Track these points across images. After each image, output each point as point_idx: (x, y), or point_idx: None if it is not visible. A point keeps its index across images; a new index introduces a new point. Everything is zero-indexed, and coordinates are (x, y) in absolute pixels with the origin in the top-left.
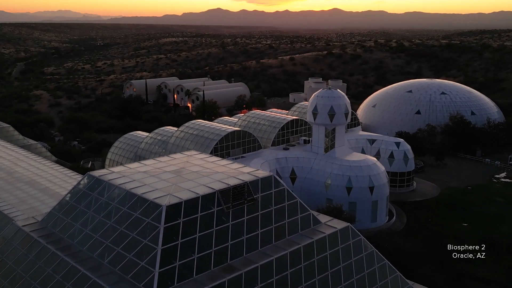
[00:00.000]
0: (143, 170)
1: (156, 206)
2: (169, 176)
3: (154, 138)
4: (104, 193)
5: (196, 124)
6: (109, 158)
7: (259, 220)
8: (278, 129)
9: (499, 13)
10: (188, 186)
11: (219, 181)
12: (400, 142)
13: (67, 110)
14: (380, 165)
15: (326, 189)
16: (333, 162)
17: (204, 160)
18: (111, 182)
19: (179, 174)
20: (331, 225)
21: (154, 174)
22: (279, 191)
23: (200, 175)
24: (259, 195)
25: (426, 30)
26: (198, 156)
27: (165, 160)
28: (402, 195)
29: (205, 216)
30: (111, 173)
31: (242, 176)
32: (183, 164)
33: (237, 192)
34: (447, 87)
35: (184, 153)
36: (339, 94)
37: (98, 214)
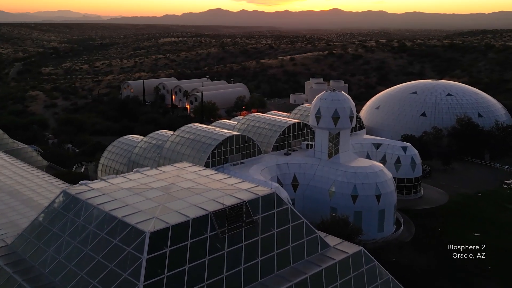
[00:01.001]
0: (127, 187)
1: (138, 232)
2: (156, 194)
3: (149, 143)
4: (80, 214)
5: (193, 128)
6: (101, 163)
7: (260, 246)
8: (279, 133)
9: (499, 13)
10: (177, 207)
11: (213, 200)
12: (407, 147)
13: (63, 111)
14: (387, 171)
15: (330, 197)
16: (337, 169)
17: (197, 173)
18: (89, 202)
19: (168, 191)
20: (341, 249)
21: (139, 192)
22: (282, 211)
23: (191, 193)
24: (259, 216)
25: (426, 30)
26: (190, 168)
27: (152, 174)
28: (409, 202)
29: (196, 243)
30: (90, 190)
31: (240, 194)
32: (173, 179)
33: (234, 214)
34: (453, 88)
35: (175, 165)
36: (343, 97)
37: (74, 239)
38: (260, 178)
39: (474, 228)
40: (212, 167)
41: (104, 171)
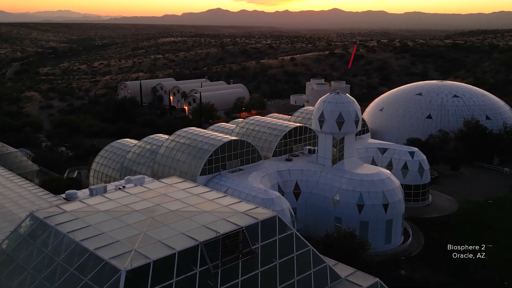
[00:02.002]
0: (104, 209)
1: (112, 269)
2: (138, 218)
3: (143, 148)
4: (48, 243)
5: (189, 132)
6: (93, 169)
7: (259, 281)
8: (280, 137)
9: (499, 13)
10: (161, 236)
11: (205, 227)
12: (414, 152)
13: (58, 112)
14: (395, 179)
15: (334, 206)
16: (341, 176)
17: (187, 191)
18: (58, 229)
19: (152, 215)
20: (354, 282)
21: (118, 215)
22: (286, 238)
23: (179, 217)
24: (259, 244)
25: (426, 30)
26: (180, 185)
27: (136, 193)
28: (417, 210)
29: (183, 282)
30: (62, 214)
31: (236, 218)
32: (159, 199)
33: (229, 243)
34: (459, 90)
35: (163, 180)
36: (348, 99)
37: (39, 274)
38: (260, 186)
39: (487, 238)
40: (208, 174)
41: (96, 177)
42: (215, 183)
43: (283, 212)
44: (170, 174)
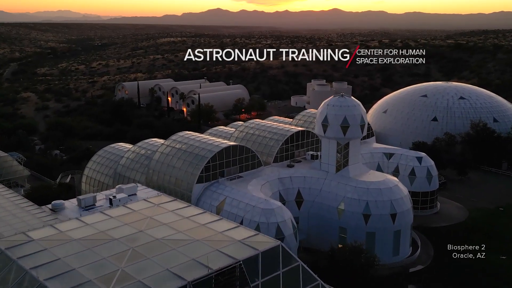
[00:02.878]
0: (79, 236)
1: None
2: (116, 249)
3: (137, 153)
4: (9, 279)
5: (185, 137)
6: (86, 175)
7: None
8: (281, 142)
9: (499, 13)
10: (142, 274)
11: (195, 261)
12: (422, 157)
13: (54, 114)
14: (403, 187)
15: (338, 216)
16: (346, 184)
17: (176, 214)
18: (20, 263)
19: (134, 244)
20: None
21: (94, 245)
22: (291, 271)
23: (165, 247)
24: (259, 281)
25: (426, 30)
26: (169, 205)
27: (118, 215)
28: (425, 219)
29: None
30: (28, 243)
31: (233, 249)
32: (144, 224)
33: (224, 281)
34: (465, 91)
35: (150, 200)
36: (353, 103)
37: None
38: (260, 195)
39: (500, 249)
40: (206, 182)
41: (88, 184)
42: (212, 192)
43: (285, 223)
44: (165, 181)
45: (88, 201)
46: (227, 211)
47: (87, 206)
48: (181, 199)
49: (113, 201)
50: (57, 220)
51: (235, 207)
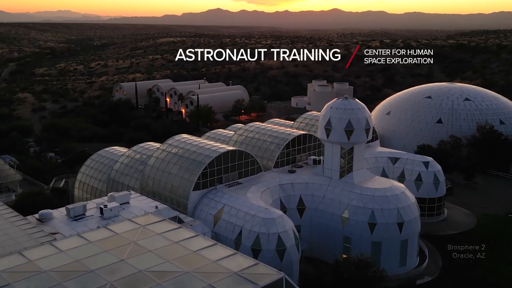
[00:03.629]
0: (50, 267)
1: None
2: (92, 284)
3: (131, 158)
4: None
5: (181, 141)
6: (79, 180)
7: None
8: (282, 146)
9: (499, 13)
10: None
11: None
12: (429, 162)
13: (51, 115)
14: (410, 194)
15: (342, 224)
16: (351, 190)
17: (164, 238)
18: None
19: (113, 278)
20: None
21: (66, 279)
22: None
23: (150, 281)
24: None
25: (427, 31)
26: (157, 227)
27: (97, 240)
28: (432, 226)
29: None
30: None
31: (228, 284)
32: (126, 250)
33: None
34: (470, 92)
35: (136, 220)
36: (358, 105)
37: None
38: (260, 203)
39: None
40: (203, 189)
41: (81, 189)
42: (209, 199)
43: (286, 234)
44: (160, 188)
45: (78, 210)
46: (225, 220)
47: (77, 216)
48: (177, 206)
49: (104, 210)
50: (43, 233)
51: (234, 216)
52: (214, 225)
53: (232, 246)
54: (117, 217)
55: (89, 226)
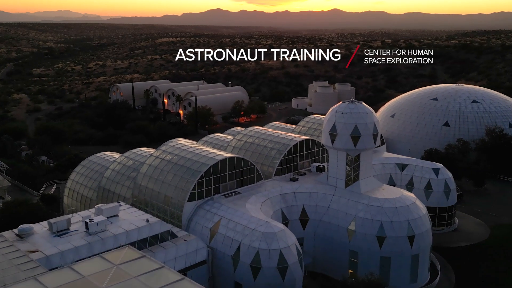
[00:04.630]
0: None
1: None
2: None
3: (123, 164)
4: None
5: (176, 147)
6: (68, 187)
7: None
8: (283, 153)
9: (499, 13)
10: None
11: None
12: (439, 169)
13: (46, 116)
14: (421, 204)
15: (349, 237)
16: (357, 201)
17: (141, 283)
18: None
19: None
20: None
21: None
22: None
23: None
24: None
25: (427, 31)
26: (132, 268)
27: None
28: (443, 237)
29: None
30: None
31: None
32: None
33: None
34: (478, 94)
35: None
36: (365, 109)
37: None
38: (260, 215)
39: None
40: (198, 199)
41: (71, 197)
42: (205, 211)
43: (289, 250)
44: (152, 198)
45: (61, 225)
46: (222, 234)
47: (60, 231)
48: (170, 218)
49: (90, 225)
50: (19, 253)
51: (232, 230)
52: (211, 239)
53: (230, 262)
54: (104, 232)
55: (73, 243)
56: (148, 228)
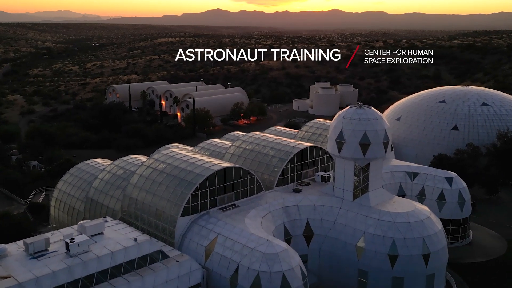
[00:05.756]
0: None
1: None
2: None
3: (113, 174)
4: None
5: (169, 156)
6: (55, 197)
7: None
8: (286, 161)
9: (499, 14)
10: None
11: None
12: (452, 178)
13: (40, 119)
14: (436, 218)
15: (357, 255)
16: (367, 215)
17: None
18: None
19: None
20: None
21: None
22: None
23: None
24: None
25: (427, 31)
26: None
27: None
28: (458, 252)
29: None
30: None
31: None
32: None
33: None
34: (488, 96)
35: None
36: (374, 115)
37: None
38: (261, 232)
39: None
40: (193, 214)
41: (58, 208)
42: (201, 227)
43: (292, 273)
44: (143, 211)
45: (38, 245)
46: (218, 253)
47: (37, 253)
48: (162, 234)
49: (71, 246)
50: None
51: (229, 249)
52: (206, 259)
53: (227, 286)
54: (87, 253)
55: (51, 267)
56: (136, 248)
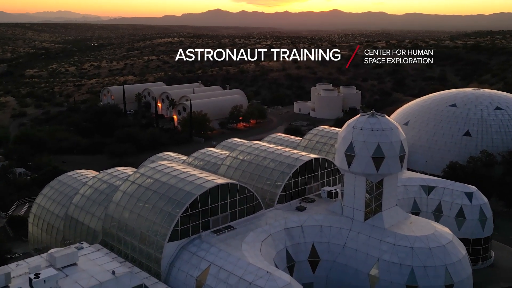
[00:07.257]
0: None
1: None
2: None
3: (95, 189)
4: None
5: (157, 169)
6: (33, 213)
7: None
8: (288, 175)
9: (499, 14)
10: None
11: None
12: (473, 193)
13: (32, 122)
14: (459, 242)
15: (371, 285)
16: (381, 239)
17: None
18: None
19: None
20: None
21: None
22: None
23: None
24: None
25: (428, 32)
26: None
27: None
28: (479, 275)
29: None
30: None
31: None
32: None
33: None
34: (501, 100)
35: None
36: (389, 125)
37: None
38: (260, 260)
39: None
40: (182, 238)
41: (36, 225)
42: (191, 254)
43: None
44: (126, 234)
45: None
46: (211, 287)
47: None
48: (147, 261)
49: (35, 283)
50: None
51: (223, 283)
52: None
53: None
54: None
55: None
56: (113, 283)
